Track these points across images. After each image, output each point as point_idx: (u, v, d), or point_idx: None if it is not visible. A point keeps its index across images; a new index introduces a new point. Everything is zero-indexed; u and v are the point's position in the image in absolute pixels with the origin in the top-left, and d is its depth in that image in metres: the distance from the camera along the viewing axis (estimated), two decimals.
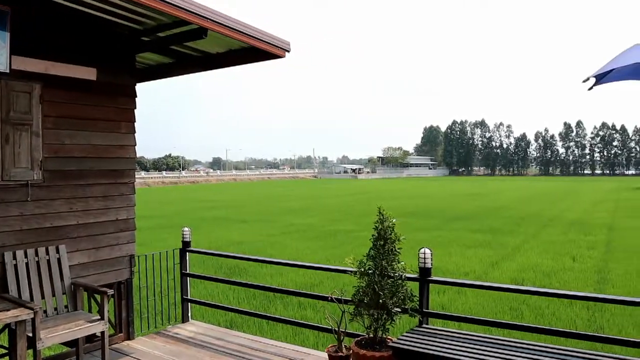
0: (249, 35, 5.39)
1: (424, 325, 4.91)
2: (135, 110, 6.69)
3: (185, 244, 7.55)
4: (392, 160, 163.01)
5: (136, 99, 6.72)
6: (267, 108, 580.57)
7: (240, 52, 6.31)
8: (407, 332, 4.66)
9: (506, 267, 16.40)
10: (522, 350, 4.27)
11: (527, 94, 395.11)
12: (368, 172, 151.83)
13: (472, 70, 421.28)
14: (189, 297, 7.69)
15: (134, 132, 6.67)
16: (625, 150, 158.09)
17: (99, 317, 5.38)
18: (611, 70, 3.99)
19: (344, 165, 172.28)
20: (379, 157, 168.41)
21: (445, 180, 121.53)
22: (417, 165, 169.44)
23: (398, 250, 4.68)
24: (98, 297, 5.76)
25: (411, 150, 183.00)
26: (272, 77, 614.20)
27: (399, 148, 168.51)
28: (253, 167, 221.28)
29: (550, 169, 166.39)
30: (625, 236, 22.92)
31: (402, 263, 4.72)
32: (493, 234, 23.84)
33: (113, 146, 6.38)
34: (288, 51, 5.89)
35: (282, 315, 10.27)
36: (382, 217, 4.69)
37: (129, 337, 6.69)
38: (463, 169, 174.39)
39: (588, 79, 3.87)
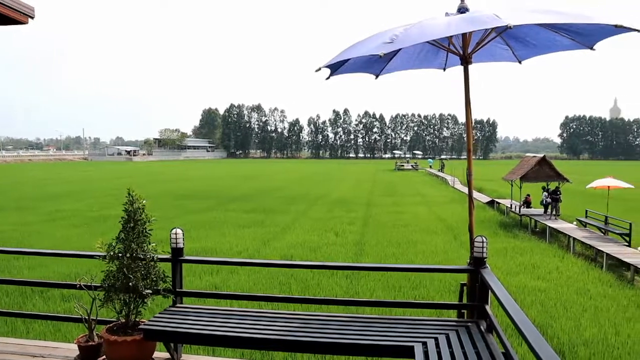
0: None
1: (178, 305, 4.88)
2: None
3: None
4: (170, 143, 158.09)
5: None
6: (29, 82, 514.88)
7: None
8: (159, 313, 4.60)
9: (277, 244, 17.21)
10: (279, 319, 4.49)
11: (300, 82, 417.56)
12: (144, 154, 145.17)
13: (248, 55, 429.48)
14: None
15: None
16: (383, 136, 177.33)
17: None
18: (347, 60, 4.37)
19: (118, 147, 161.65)
20: (156, 138, 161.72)
21: (222, 162, 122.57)
22: (195, 147, 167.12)
23: (149, 232, 4.54)
24: None
25: (189, 133, 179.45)
26: (29, 46, 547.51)
27: (176, 130, 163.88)
28: (10, 147, 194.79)
29: (321, 152, 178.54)
30: (379, 212, 25.82)
31: (153, 244, 4.60)
32: (266, 213, 24.80)
33: None
34: (32, 17, 5.24)
35: (39, 311, 9.35)
36: (131, 199, 4.47)
37: None
38: (240, 151, 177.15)
39: (320, 69, 4.15)
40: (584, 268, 14.66)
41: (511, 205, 25.26)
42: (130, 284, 4.24)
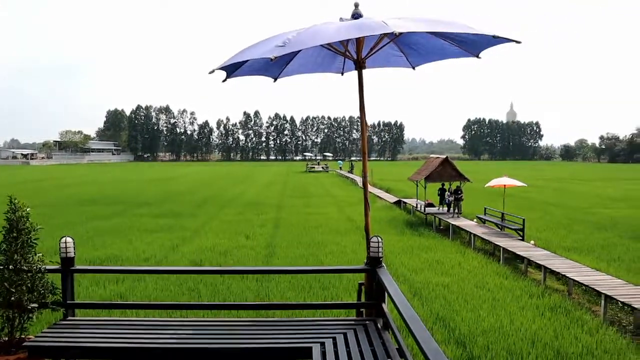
0: None
1: (70, 318, 4.61)
2: None
3: None
4: (72, 145, 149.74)
5: None
6: None
7: None
8: (47, 328, 4.31)
9: (186, 249, 16.85)
10: (183, 327, 4.39)
11: (208, 83, 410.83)
12: (43, 158, 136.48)
13: (155, 54, 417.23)
14: None
15: None
16: (294, 138, 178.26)
17: None
18: (245, 63, 4.36)
19: (13, 150, 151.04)
20: (56, 141, 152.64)
21: (129, 166, 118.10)
22: (99, 150, 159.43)
23: (35, 242, 4.26)
24: None
25: (93, 135, 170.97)
26: None
27: (79, 132, 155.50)
28: None
29: (232, 154, 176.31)
30: (290, 213, 25.95)
31: (40, 255, 4.31)
32: (175, 217, 24.19)
33: None
34: None
35: None
36: (13, 207, 4.15)
37: None
38: (149, 154, 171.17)
39: (213, 71, 4.11)
40: (483, 262, 15.49)
41: (417, 204, 26.20)
42: (13, 298, 3.95)
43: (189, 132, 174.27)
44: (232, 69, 4.40)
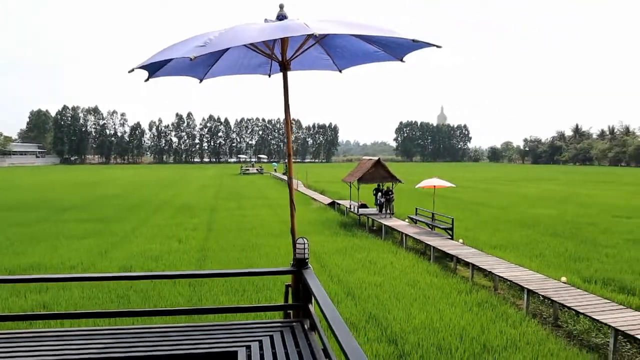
0: None
1: None
2: None
3: None
4: None
5: None
6: None
7: None
8: None
9: (115, 255, 16.34)
10: (108, 337, 4.21)
11: (139, 84, 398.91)
12: None
13: (82, 53, 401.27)
14: None
15: None
16: (228, 140, 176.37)
17: None
18: (168, 62, 4.26)
19: None
20: None
21: (55, 169, 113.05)
22: (22, 153, 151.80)
23: None
24: None
25: (15, 137, 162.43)
26: None
27: None
28: None
29: (165, 157, 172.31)
30: (223, 216, 25.66)
31: None
32: (104, 222, 23.39)
33: None
34: None
35: None
36: None
37: None
38: (76, 157, 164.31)
39: (133, 70, 3.98)
40: (415, 261, 15.88)
41: (350, 205, 26.52)
42: None
43: (119, 134, 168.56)
44: (154, 69, 4.28)
